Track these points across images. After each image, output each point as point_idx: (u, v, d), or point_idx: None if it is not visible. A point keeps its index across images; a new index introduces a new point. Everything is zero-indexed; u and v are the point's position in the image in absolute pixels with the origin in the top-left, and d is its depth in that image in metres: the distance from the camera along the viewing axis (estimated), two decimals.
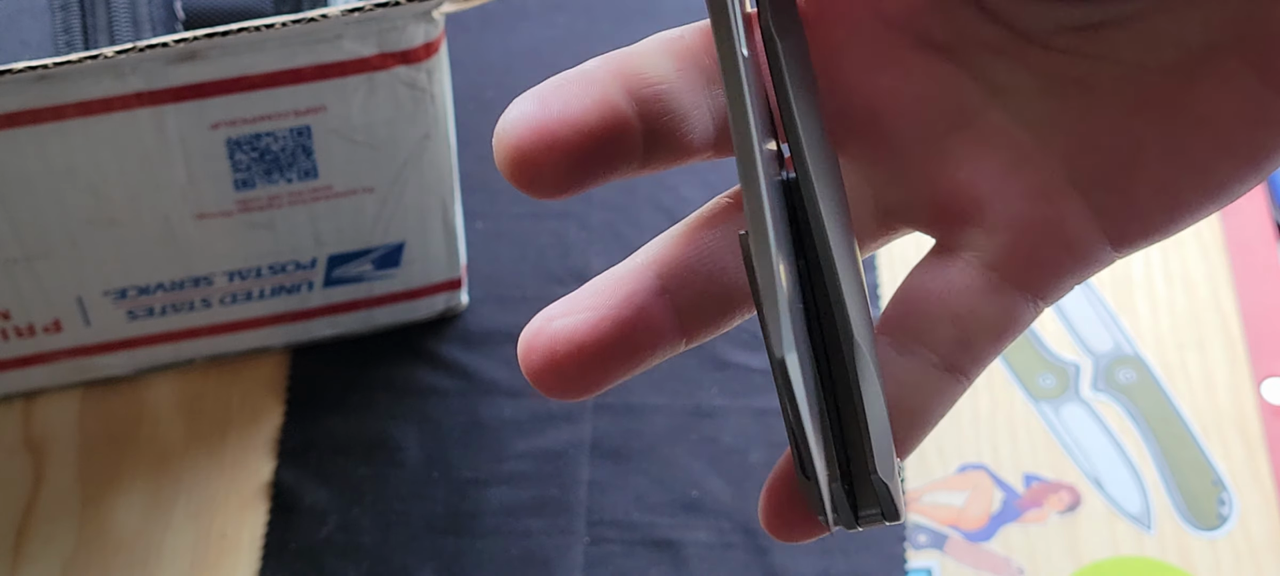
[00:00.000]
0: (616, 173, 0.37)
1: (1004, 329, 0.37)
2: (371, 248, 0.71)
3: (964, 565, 0.68)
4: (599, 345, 0.36)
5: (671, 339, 0.37)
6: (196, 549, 0.69)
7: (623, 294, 0.37)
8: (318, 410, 0.72)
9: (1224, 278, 0.75)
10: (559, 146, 0.36)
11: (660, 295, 0.37)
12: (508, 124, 0.36)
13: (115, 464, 0.71)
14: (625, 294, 0.37)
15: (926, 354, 0.37)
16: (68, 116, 0.62)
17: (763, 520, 0.37)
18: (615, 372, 0.37)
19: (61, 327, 0.70)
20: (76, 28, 0.64)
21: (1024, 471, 0.70)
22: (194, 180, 0.66)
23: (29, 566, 0.68)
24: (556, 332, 0.37)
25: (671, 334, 0.37)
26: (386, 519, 0.69)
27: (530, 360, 0.37)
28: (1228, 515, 0.69)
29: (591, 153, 0.36)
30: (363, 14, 0.62)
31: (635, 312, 0.36)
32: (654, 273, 0.37)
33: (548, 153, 0.35)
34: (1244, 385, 0.72)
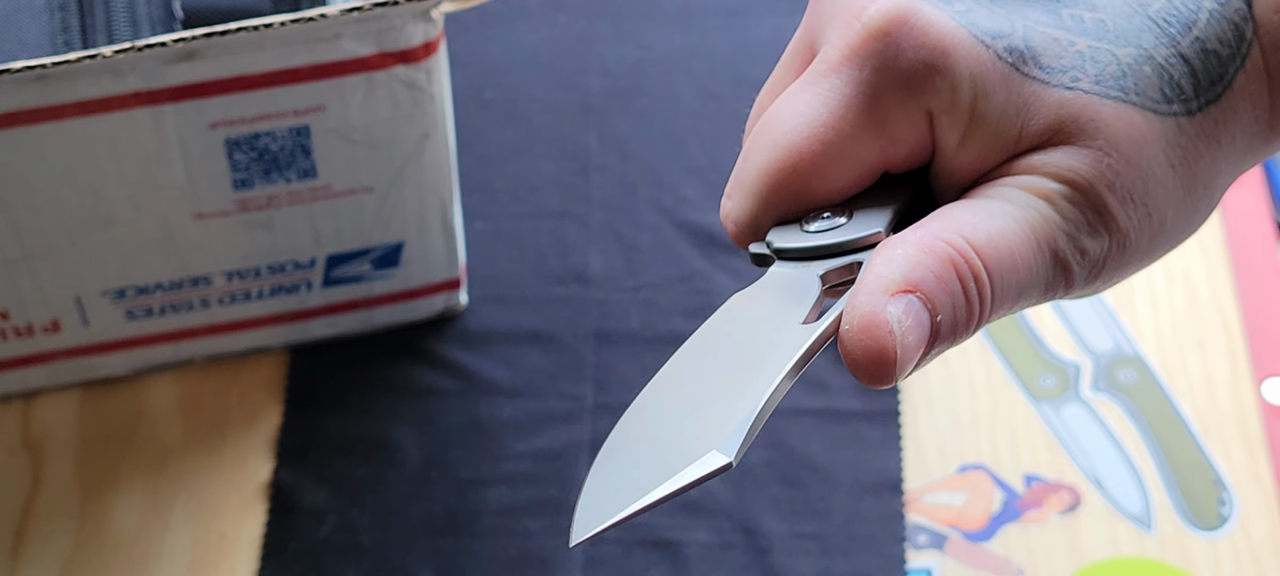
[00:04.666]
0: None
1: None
2: (370, 247, 0.71)
3: (964, 565, 0.68)
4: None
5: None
6: (195, 549, 0.69)
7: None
8: (317, 410, 0.72)
9: (1224, 278, 0.75)
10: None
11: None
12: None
13: (114, 464, 0.71)
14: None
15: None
16: (66, 116, 0.62)
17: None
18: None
19: (60, 327, 0.70)
20: (75, 27, 0.64)
21: (1024, 471, 0.70)
22: (193, 180, 0.66)
23: (28, 566, 0.68)
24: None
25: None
26: (386, 519, 0.69)
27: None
28: (1228, 515, 0.69)
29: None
30: (362, 13, 0.62)
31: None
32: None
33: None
34: (1244, 385, 0.72)
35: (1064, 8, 0.42)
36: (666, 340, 0.74)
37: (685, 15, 0.84)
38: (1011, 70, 0.41)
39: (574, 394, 0.73)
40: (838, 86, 0.42)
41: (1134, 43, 0.42)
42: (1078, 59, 0.42)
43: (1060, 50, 0.42)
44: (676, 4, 0.85)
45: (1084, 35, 0.42)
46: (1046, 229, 0.42)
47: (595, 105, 0.81)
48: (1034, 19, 0.42)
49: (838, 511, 0.69)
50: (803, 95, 0.43)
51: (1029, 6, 0.42)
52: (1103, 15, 0.42)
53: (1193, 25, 0.42)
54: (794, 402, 0.72)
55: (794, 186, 0.43)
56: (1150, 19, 0.42)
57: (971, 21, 0.42)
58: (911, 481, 0.70)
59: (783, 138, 0.43)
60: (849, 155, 0.42)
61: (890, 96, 0.42)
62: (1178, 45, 0.42)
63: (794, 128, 0.42)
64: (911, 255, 0.41)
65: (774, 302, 0.43)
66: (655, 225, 0.77)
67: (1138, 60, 0.42)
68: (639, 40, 0.83)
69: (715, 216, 0.77)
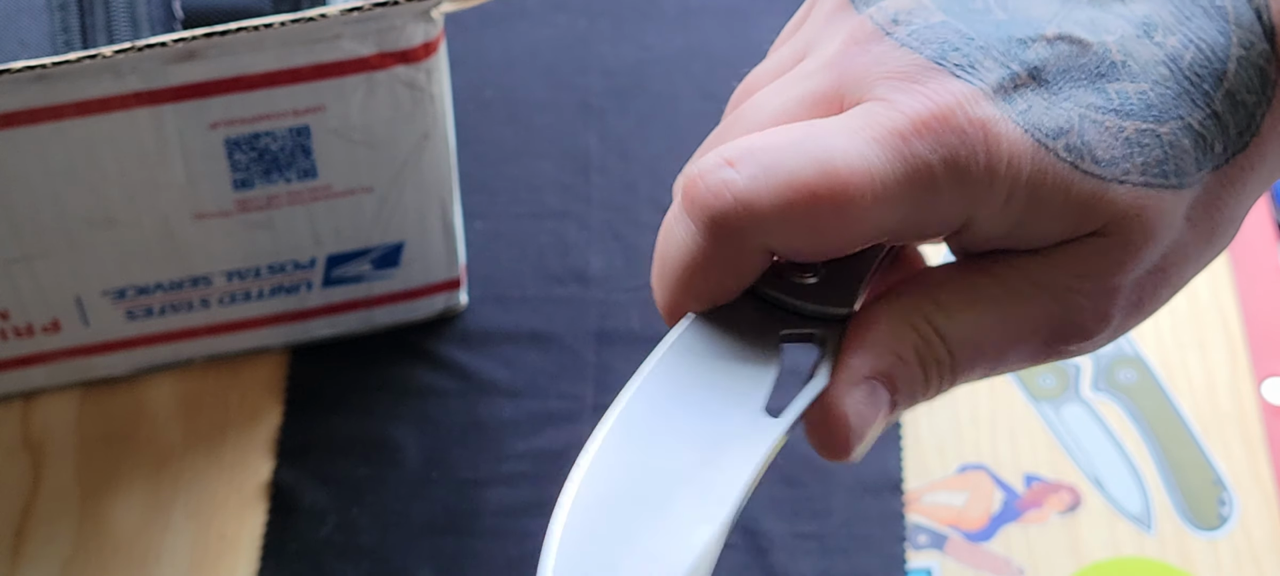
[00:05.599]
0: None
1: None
2: (370, 247, 0.71)
3: (964, 565, 0.68)
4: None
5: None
6: (195, 549, 0.69)
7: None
8: (317, 410, 0.72)
9: (1224, 278, 0.75)
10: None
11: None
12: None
13: (114, 464, 0.71)
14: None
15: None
16: (66, 116, 0.62)
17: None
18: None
19: (60, 327, 0.70)
20: (75, 27, 0.64)
21: (1024, 471, 0.70)
22: (193, 180, 0.66)
23: (28, 566, 0.68)
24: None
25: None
26: (385, 519, 0.69)
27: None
28: (1228, 515, 0.69)
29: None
30: (362, 13, 0.62)
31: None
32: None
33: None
34: (1244, 385, 0.72)
35: (1109, 83, 0.42)
36: None
37: (685, 15, 0.84)
38: (1071, 169, 0.41)
39: (574, 394, 0.73)
40: (902, 153, 0.41)
41: (1173, 114, 0.42)
42: (1127, 148, 0.42)
43: (1111, 140, 0.42)
44: (676, 4, 0.85)
45: (1130, 118, 0.42)
46: (1036, 320, 0.43)
47: (595, 105, 0.81)
48: (1087, 103, 0.42)
49: (838, 511, 0.69)
50: (859, 137, 0.41)
51: (1079, 88, 0.42)
52: (1144, 85, 0.42)
53: (1223, 77, 0.43)
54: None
55: (819, 215, 0.41)
56: (1185, 77, 0.42)
57: (1034, 122, 0.41)
58: (911, 481, 0.70)
59: (827, 159, 0.40)
60: (880, 211, 0.41)
61: (943, 189, 0.41)
62: (1212, 104, 0.42)
63: (845, 160, 0.40)
64: (880, 339, 0.41)
65: (735, 357, 0.42)
66: (655, 225, 0.77)
67: (1177, 134, 0.42)
68: (639, 40, 0.83)
69: None
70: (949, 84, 0.41)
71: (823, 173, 0.40)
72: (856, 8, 0.44)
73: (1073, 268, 0.43)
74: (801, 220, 0.41)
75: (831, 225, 0.41)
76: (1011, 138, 0.41)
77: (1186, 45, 0.43)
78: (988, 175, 0.41)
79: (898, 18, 0.43)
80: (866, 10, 0.43)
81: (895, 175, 0.41)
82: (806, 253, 0.42)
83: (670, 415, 0.40)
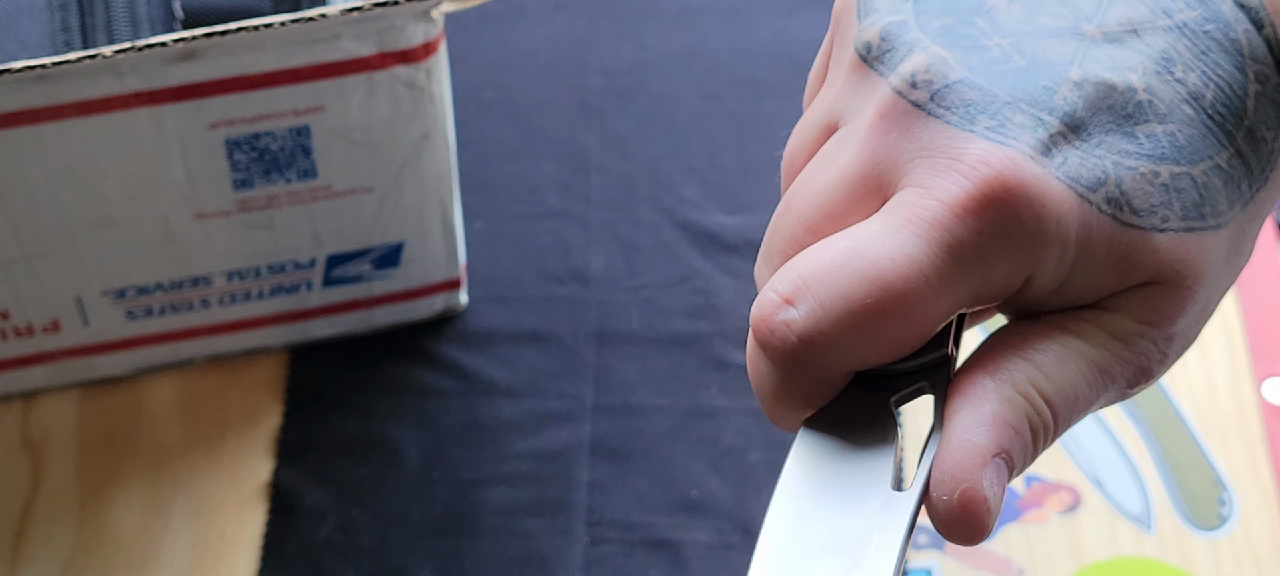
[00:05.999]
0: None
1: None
2: (370, 247, 0.71)
3: (964, 565, 0.68)
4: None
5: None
6: (195, 549, 0.69)
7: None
8: (317, 410, 0.72)
9: None
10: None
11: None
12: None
13: (114, 464, 0.71)
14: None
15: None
16: (66, 116, 0.62)
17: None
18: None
19: (60, 328, 0.70)
20: (75, 27, 0.64)
21: (1025, 471, 0.70)
22: (193, 180, 0.66)
23: (27, 566, 0.68)
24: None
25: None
26: (386, 519, 0.69)
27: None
28: (1228, 515, 0.69)
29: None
30: (362, 13, 0.62)
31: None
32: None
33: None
34: (1244, 385, 0.72)
35: (1138, 126, 0.42)
36: (666, 340, 0.74)
37: (685, 15, 0.84)
38: (1112, 222, 0.41)
39: (574, 394, 0.73)
40: (945, 242, 0.40)
41: (1203, 154, 0.42)
42: (1164, 194, 0.42)
43: (1149, 189, 0.41)
44: (676, 4, 0.85)
45: (1164, 162, 0.42)
46: (1117, 369, 0.43)
47: (595, 105, 0.81)
48: (1121, 150, 0.41)
49: None
50: (902, 236, 0.41)
51: (1110, 134, 0.42)
52: (1172, 126, 0.42)
53: (1243, 115, 0.42)
54: None
55: (884, 328, 0.41)
56: (1208, 116, 0.42)
57: (1072, 175, 0.41)
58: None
59: (878, 275, 0.40)
60: (941, 301, 0.41)
61: (998, 258, 0.41)
62: (1235, 142, 0.42)
63: (894, 269, 0.40)
64: (997, 413, 0.41)
65: (854, 445, 0.42)
66: (655, 225, 0.77)
67: (1209, 175, 0.42)
68: (639, 40, 0.83)
69: (716, 217, 0.77)
70: (983, 153, 0.41)
71: (876, 288, 0.40)
72: (875, 68, 0.43)
73: (1138, 316, 0.43)
74: (867, 339, 0.41)
75: (897, 332, 0.41)
76: (1056, 196, 0.41)
77: (1206, 83, 0.42)
78: (1038, 239, 0.41)
79: (917, 81, 0.42)
80: (888, 75, 0.42)
81: (946, 266, 0.40)
82: (886, 358, 0.42)
83: (808, 530, 0.41)
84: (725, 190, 0.78)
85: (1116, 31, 0.42)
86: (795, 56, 0.82)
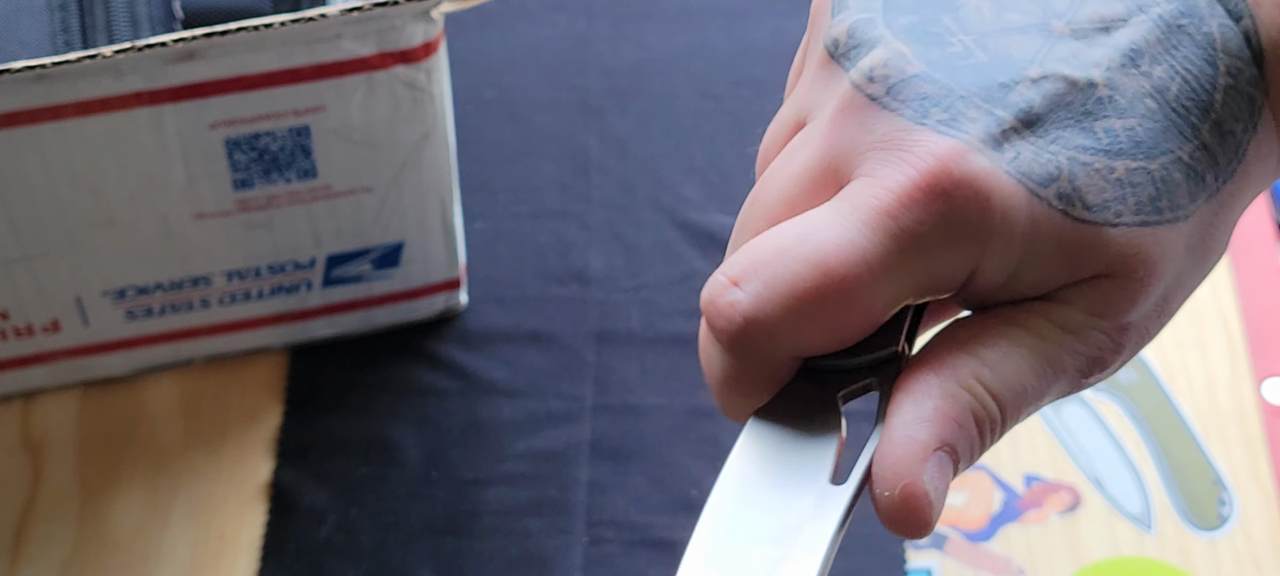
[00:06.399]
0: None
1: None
2: (370, 247, 0.71)
3: (964, 565, 0.68)
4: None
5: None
6: (195, 549, 0.69)
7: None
8: (317, 410, 0.72)
9: (1224, 278, 0.75)
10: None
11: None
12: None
13: (114, 464, 0.71)
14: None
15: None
16: (66, 116, 0.62)
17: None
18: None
19: (60, 328, 0.70)
20: (75, 27, 0.64)
21: (1024, 471, 0.70)
22: (192, 180, 0.66)
23: (27, 566, 0.68)
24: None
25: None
26: (385, 519, 0.69)
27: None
28: (1228, 515, 0.69)
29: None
30: (362, 13, 0.62)
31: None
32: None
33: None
34: (1244, 385, 0.72)
35: (1096, 121, 0.42)
36: (666, 340, 0.74)
37: (685, 15, 0.84)
38: (1063, 217, 0.41)
39: (574, 394, 0.73)
40: (891, 231, 0.41)
41: (1163, 149, 0.42)
42: (1118, 189, 0.42)
43: (1103, 183, 0.42)
44: (676, 4, 0.85)
45: (1120, 157, 0.42)
46: (1066, 360, 0.43)
47: (595, 105, 0.81)
48: (1077, 146, 0.42)
49: None
50: (848, 223, 0.41)
51: (1066, 129, 0.42)
52: (1132, 121, 0.42)
53: (1210, 109, 0.42)
54: None
55: (826, 312, 0.41)
56: (1172, 110, 0.42)
57: (1023, 170, 0.41)
58: None
59: (821, 260, 0.41)
60: (884, 289, 0.41)
61: (942, 253, 0.41)
62: (1200, 135, 0.42)
63: (837, 255, 0.41)
64: (939, 408, 0.42)
65: (798, 438, 0.42)
66: (655, 225, 0.77)
67: (1168, 169, 0.42)
68: (639, 40, 0.83)
69: (715, 217, 0.77)
70: (932, 144, 0.41)
71: (819, 273, 0.41)
72: (840, 64, 0.43)
73: (1088, 307, 0.43)
74: (810, 323, 0.41)
75: (841, 318, 0.41)
76: (1003, 189, 0.41)
77: (1172, 76, 0.42)
78: (982, 230, 0.41)
79: (874, 76, 0.42)
80: (850, 70, 0.43)
81: (890, 253, 0.41)
82: (829, 345, 0.42)
83: (744, 520, 0.41)
84: (725, 190, 0.78)
85: (1086, 27, 0.43)
86: (795, 56, 0.82)
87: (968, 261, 0.42)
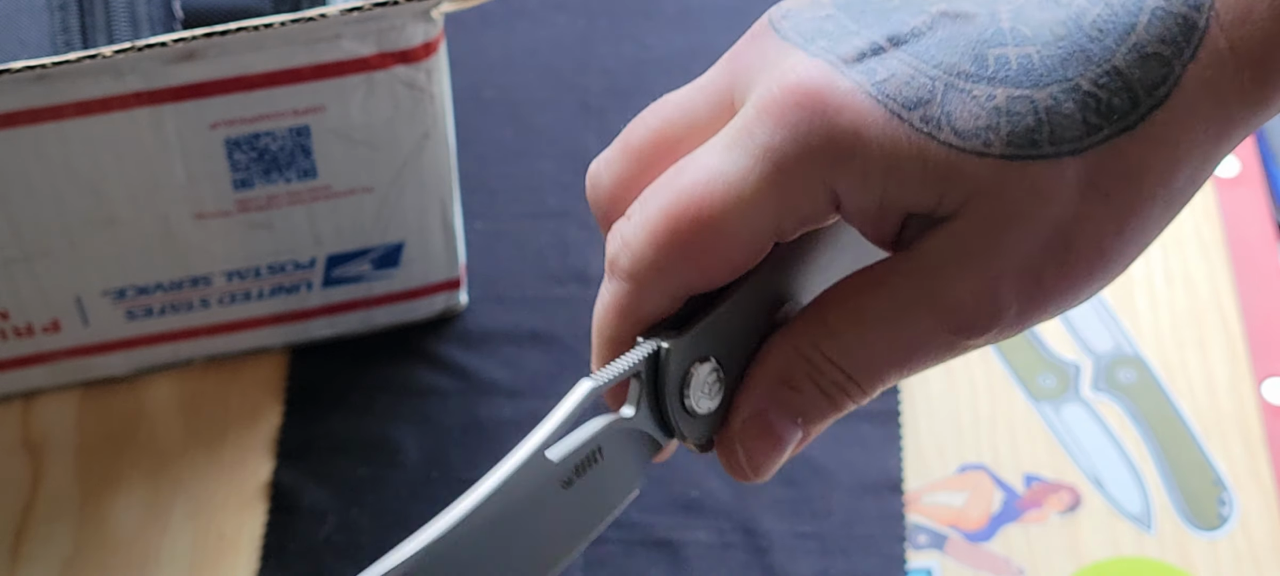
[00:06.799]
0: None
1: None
2: (370, 247, 0.71)
3: (964, 565, 0.68)
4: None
5: None
6: (195, 549, 0.69)
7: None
8: (317, 410, 0.72)
9: (1224, 277, 0.75)
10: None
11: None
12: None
13: (114, 464, 0.71)
14: None
15: None
16: (66, 116, 0.62)
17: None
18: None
19: (60, 328, 0.70)
20: (75, 27, 0.64)
21: (1024, 471, 0.70)
22: (193, 180, 0.66)
23: (27, 567, 0.68)
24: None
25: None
26: (386, 519, 0.69)
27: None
28: (1228, 515, 0.69)
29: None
30: (362, 13, 0.62)
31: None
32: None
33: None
34: (1244, 385, 0.72)
35: (991, 49, 0.41)
36: None
37: (685, 15, 0.84)
38: (928, 140, 0.41)
39: None
40: (748, 148, 0.42)
41: (1057, 76, 0.41)
42: (994, 117, 0.41)
43: (977, 110, 0.41)
44: (676, 4, 0.85)
45: (1005, 84, 0.41)
46: (926, 319, 0.42)
47: (595, 105, 0.81)
48: (959, 72, 0.41)
49: (838, 511, 0.69)
50: (717, 153, 0.42)
51: (951, 56, 0.41)
52: (1030, 49, 0.41)
53: (1131, 31, 0.41)
54: None
55: (695, 240, 0.42)
56: (1084, 35, 0.41)
57: (889, 92, 0.41)
58: (911, 481, 0.70)
59: (690, 188, 0.42)
60: (753, 217, 0.42)
61: (795, 169, 0.41)
62: (1111, 60, 0.41)
63: (705, 182, 0.42)
64: (769, 375, 0.44)
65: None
66: None
67: (1058, 99, 0.41)
68: (639, 40, 0.83)
69: None
70: (797, 64, 0.41)
71: (684, 198, 0.42)
72: (769, 20, 0.44)
73: (944, 257, 0.42)
74: (681, 253, 0.43)
75: (709, 248, 0.42)
76: (858, 107, 0.41)
77: (1095, 2, 0.41)
78: (835, 146, 0.41)
79: (787, 12, 0.43)
80: (771, 12, 0.44)
81: (750, 174, 0.41)
82: (700, 277, 0.43)
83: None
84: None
85: None
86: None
87: (824, 182, 0.41)
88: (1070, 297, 0.43)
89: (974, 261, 0.42)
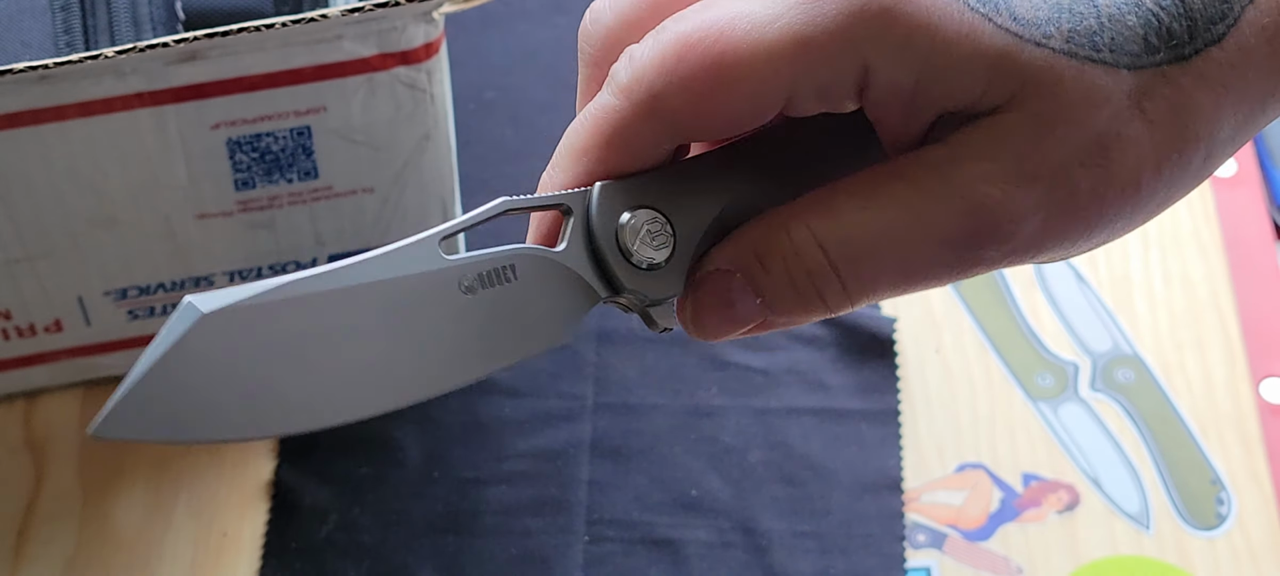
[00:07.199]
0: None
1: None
2: (372, 248, 0.71)
3: (963, 564, 0.68)
4: None
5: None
6: (197, 548, 0.69)
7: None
8: None
9: (1223, 277, 0.75)
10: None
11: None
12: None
13: (116, 463, 0.71)
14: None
15: None
16: (69, 117, 0.62)
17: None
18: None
19: (62, 327, 0.70)
20: (77, 28, 0.64)
21: (1023, 471, 0.70)
22: (194, 180, 0.66)
23: (30, 566, 0.68)
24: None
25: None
26: (387, 518, 0.70)
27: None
28: (1226, 514, 0.69)
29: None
30: (363, 14, 0.62)
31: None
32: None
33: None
34: (1242, 385, 0.72)
35: None
36: (666, 340, 0.74)
37: None
38: (984, 21, 0.38)
39: (574, 394, 0.73)
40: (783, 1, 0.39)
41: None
42: (1055, 10, 0.38)
43: (1040, 1, 0.38)
44: None
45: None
46: (943, 216, 0.39)
47: None
48: None
49: (837, 510, 0.69)
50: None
51: None
52: None
53: None
54: (794, 401, 0.72)
55: (702, 74, 0.39)
56: None
57: None
58: (910, 480, 0.70)
59: (712, 20, 0.39)
60: (775, 73, 0.39)
61: (830, 26, 0.38)
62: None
63: (728, 18, 0.39)
64: (744, 240, 0.41)
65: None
66: None
67: (1122, 10, 0.39)
68: None
69: None
70: None
71: (702, 27, 0.39)
72: None
73: (978, 150, 0.39)
74: (681, 77, 0.39)
75: (711, 83, 0.39)
76: None
77: None
78: (875, 10, 0.38)
79: None
80: None
81: (778, 19, 0.38)
82: (693, 119, 0.40)
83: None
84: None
85: None
86: None
87: (857, 51, 0.39)
88: (1093, 229, 0.40)
89: (1010, 158, 0.39)
